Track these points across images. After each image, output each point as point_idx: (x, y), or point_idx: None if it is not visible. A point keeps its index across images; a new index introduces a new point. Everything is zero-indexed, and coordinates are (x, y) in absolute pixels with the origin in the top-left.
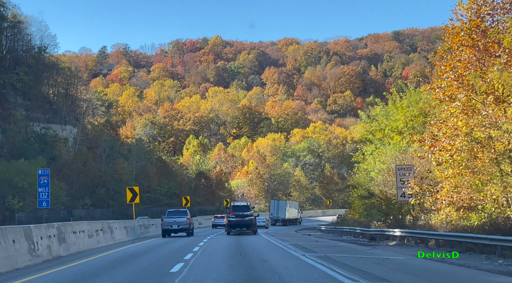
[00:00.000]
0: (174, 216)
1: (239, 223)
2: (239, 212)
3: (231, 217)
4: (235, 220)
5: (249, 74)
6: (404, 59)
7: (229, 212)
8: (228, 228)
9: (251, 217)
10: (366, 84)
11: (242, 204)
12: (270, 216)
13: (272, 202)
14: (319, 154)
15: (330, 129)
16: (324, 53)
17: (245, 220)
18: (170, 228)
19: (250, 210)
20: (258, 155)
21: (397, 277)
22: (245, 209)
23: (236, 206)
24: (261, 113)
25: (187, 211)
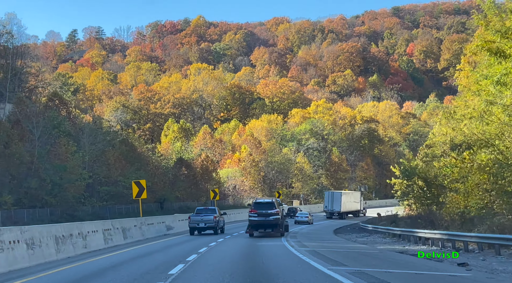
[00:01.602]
0: (201, 214)
1: (262, 223)
2: (262, 210)
3: (252, 216)
4: (258, 219)
5: (236, 55)
6: (407, 35)
7: (250, 210)
8: (250, 230)
9: (277, 216)
10: (368, 63)
11: (266, 200)
12: (325, 208)
13: (326, 193)
14: (323, 137)
15: (335, 108)
16: (319, 31)
17: (270, 220)
18: (196, 226)
19: (276, 208)
20: (252, 139)
21: None
22: (269, 206)
23: (258, 203)
24: (253, 93)
25: (215, 209)
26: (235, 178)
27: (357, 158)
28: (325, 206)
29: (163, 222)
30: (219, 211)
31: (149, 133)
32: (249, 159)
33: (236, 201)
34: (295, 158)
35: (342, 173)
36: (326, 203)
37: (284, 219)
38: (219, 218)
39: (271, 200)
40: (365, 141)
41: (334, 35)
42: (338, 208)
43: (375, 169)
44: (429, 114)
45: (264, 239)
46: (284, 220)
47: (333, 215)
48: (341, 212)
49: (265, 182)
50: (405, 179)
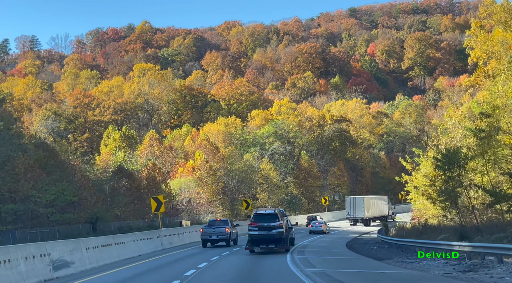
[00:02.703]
0: (213, 226)
1: (264, 237)
2: (264, 223)
3: (252, 229)
4: (258, 234)
5: (186, 61)
6: (367, 35)
7: (250, 223)
8: (250, 245)
9: (280, 229)
10: (328, 64)
11: (267, 211)
12: (347, 216)
13: (348, 199)
14: (289, 140)
15: (300, 109)
16: (274, 33)
17: (272, 234)
18: (209, 238)
19: (279, 220)
20: (208, 144)
21: None
22: (271, 218)
23: (259, 215)
24: (206, 95)
25: (228, 221)
26: (189, 189)
27: (329, 163)
28: (347, 212)
29: (43, 254)
30: (232, 223)
31: (88, 144)
32: (205, 167)
33: (191, 217)
34: (259, 165)
35: (312, 180)
36: (348, 209)
37: (290, 231)
38: (232, 230)
39: (273, 211)
40: (336, 144)
41: (290, 37)
42: (362, 214)
43: (348, 174)
44: (401, 113)
45: (266, 256)
46: (289, 233)
47: (357, 222)
48: (365, 219)
49: (225, 194)
50: (445, 170)
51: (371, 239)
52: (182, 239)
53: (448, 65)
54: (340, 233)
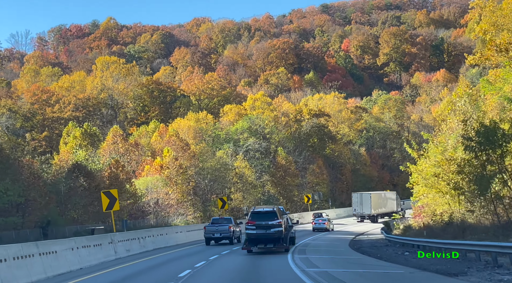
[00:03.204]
0: (216, 224)
1: (262, 237)
2: (261, 222)
3: (250, 228)
4: (256, 233)
5: (154, 58)
6: (340, 31)
7: (248, 222)
8: (247, 245)
9: (279, 228)
10: (302, 60)
11: (265, 209)
12: (354, 212)
13: (354, 195)
14: (265, 136)
15: (275, 103)
16: (245, 29)
17: (271, 233)
18: (212, 236)
19: (278, 218)
20: (177, 140)
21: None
22: (270, 216)
23: (256, 213)
24: (175, 90)
25: (231, 218)
26: (157, 189)
27: (307, 160)
28: (354, 209)
29: None
30: (235, 221)
31: (47, 143)
32: (175, 165)
33: (159, 220)
34: (233, 162)
35: (290, 179)
36: (355, 206)
37: (290, 230)
38: (235, 228)
39: (271, 209)
40: (314, 140)
41: (262, 34)
42: (369, 210)
43: (328, 172)
44: (380, 108)
45: (265, 256)
46: (289, 232)
47: (364, 219)
48: (373, 215)
49: (196, 194)
50: (481, 151)
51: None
52: (144, 245)
53: (424, 60)
54: (344, 231)
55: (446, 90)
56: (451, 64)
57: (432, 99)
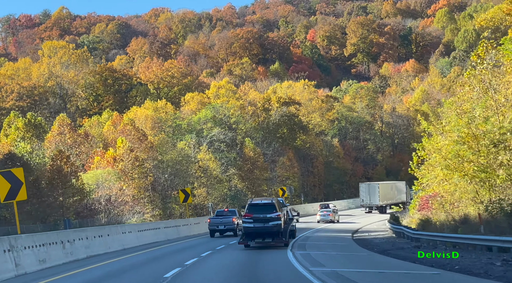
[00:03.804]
0: (220, 217)
1: (260, 231)
2: (259, 215)
3: (247, 221)
4: (253, 226)
5: (109, 49)
6: (306, 22)
7: (244, 215)
8: (244, 239)
9: (278, 221)
10: (267, 50)
11: (264, 201)
12: (361, 203)
13: (362, 186)
14: (231, 126)
15: (241, 91)
16: (206, 19)
17: (269, 227)
18: (216, 228)
19: (277, 211)
20: (133, 129)
21: None
22: (268, 209)
23: (254, 206)
24: (131, 78)
25: (235, 211)
26: (109, 184)
27: (276, 152)
28: (361, 200)
29: None
30: (240, 213)
31: None
32: (130, 157)
33: (112, 219)
34: (196, 155)
35: (259, 172)
36: (363, 196)
37: (290, 223)
38: (239, 220)
39: (270, 201)
40: (284, 130)
41: (224, 24)
42: (377, 201)
43: (299, 165)
44: (352, 98)
45: (263, 251)
46: (289, 225)
47: (372, 210)
48: (381, 206)
49: (155, 190)
50: None
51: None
52: (72, 252)
53: (392, 51)
54: (351, 222)
55: (417, 79)
56: (419, 55)
57: (404, 89)
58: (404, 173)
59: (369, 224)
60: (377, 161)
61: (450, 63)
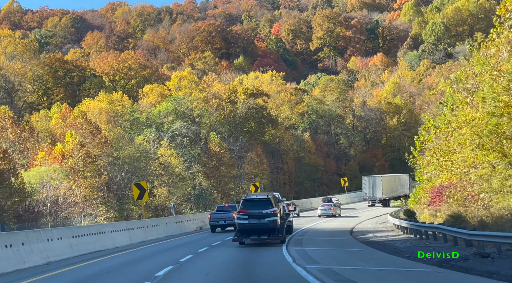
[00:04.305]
0: (221, 212)
1: (255, 227)
2: (255, 210)
3: (241, 218)
4: (248, 223)
5: (63, 44)
6: (270, 16)
7: (239, 211)
8: (239, 236)
9: (274, 217)
10: (230, 44)
11: (259, 197)
12: (364, 196)
13: (365, 179)
14: (194, 119)
15: (205, 82)
16: (166, 13)
17: (264, 223)
18: (217, 223)
19: (273, 206)
20: (85, 123)
21: None
22: (263, 205)
23: (249, 201)
24: (85, 69)
25: (236, 206)
26: (56, 183)
27: (244, 147)
28: (364, 193)
29: None
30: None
31: None
32: (81, 153)
33: (59, 223)
34: (156, 150)
35: (225, 169)
36: (366, 190)
37: (286, 219)
38: None
39: (266, 196)
40: (252, 124)
41: (185, 17)
42: (380, 194)
43: (268, 161)
44: (322, 90)
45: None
46: (286, 221)
47: (376, 203)
48: (384, 199)
49: (110, 190)
50: None
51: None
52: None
53: (359, 45)
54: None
55: (387, 73)
56: (386, 49)
57: (373, 83)
58: (378, 168)
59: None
60: (349, 156)
61: (419, 56)
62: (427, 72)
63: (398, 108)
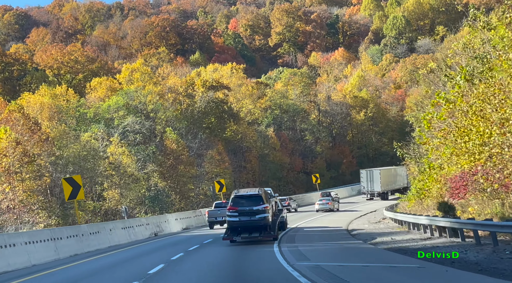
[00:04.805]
0: (218, 208)
1: (246, 225)
2: (245, 208)
3: (231, 215)
4: (238, 220)
5: (6, 41)
6: (226, 11)
7: (229, 208)
8: (229, 235)
9: (265, 214)
10: (186, 40)
11: (250, 193)
12: (362, 190)
13: (363, 172)
14: (148, 114)
15: (159, 75)
16: (117, 8)
17: (255, 220)
18: (215, 220)
19: (264, 203)
20: (23, 118)
21: None
22: (254, 201)
23: (239, 198)
24: (26, 63)
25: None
26: None
27: (204, 144)
28: (362, 187)
29: None
30: None
31: None
32: (17, 152)
33: None
34: (105, 148)
35: (183, 168)
36: (364, 183)
37: (279, 215)
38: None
39: (256, 192)
40: (212, 119)
41: (137, 13)
42: (378, 187)
43: (230, 159)
44: (285, 84)
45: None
46: (279, 217)
47: (374, 196)
48: (383, 192)
49: (52, 193)
50: None
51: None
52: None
53: (320, 40)
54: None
55: (350, 67)
56: (347, 44)
57: (336, 78)
58: (346, 166)
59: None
60: (316, 153)
61: (381, 51)
62: (390, 66)
63: (364, 102)
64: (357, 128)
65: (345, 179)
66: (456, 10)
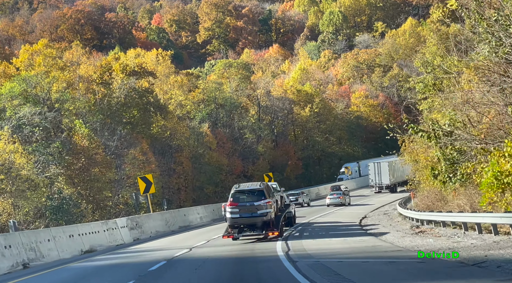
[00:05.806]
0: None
1: (247, 222)
2: (246, 203)
3: (232, 211)
4: (239, 217)
5: None
6: (149, 6)
7: (229, 204)
8: (229, 232)
9: (268, 209)
10: (104, 35)
11: (251, 187)
12: (371, 183)
13: (371, 165)
14: (52, 104)
15: (68, 61)
16: (25, 1)
17: (257, 216)
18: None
19: (266, 197)
20: None
21: None
22: (256, 196)
23: (240, 192)
24: None
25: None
26: None
27: (124, 142)
28: (370, 179)
29: None
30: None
31: None
32: None
33: None
34: None
35: (98, 171)
36: (372, 176)
37: (285, 210)
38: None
39: (258, 186)
40: (134, 112)
41: (47, 7)
42: (387, 180)
43: (158, 161)
44: (219, 77)
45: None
46: (285, 212)
47: (382, 189)
48: (391, 185)
49: None
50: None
51: None
52: None
53: (252, 37)
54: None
55: (288, 62)
56: (281, 42)
57: (274, 74)
58: (291, 168)
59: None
60: (258, 154)
61: (318, 47)
62: (330, 63)
63: (309, 96)
64: (302, 126)
65: (290, 184)
66: (394, 6)
